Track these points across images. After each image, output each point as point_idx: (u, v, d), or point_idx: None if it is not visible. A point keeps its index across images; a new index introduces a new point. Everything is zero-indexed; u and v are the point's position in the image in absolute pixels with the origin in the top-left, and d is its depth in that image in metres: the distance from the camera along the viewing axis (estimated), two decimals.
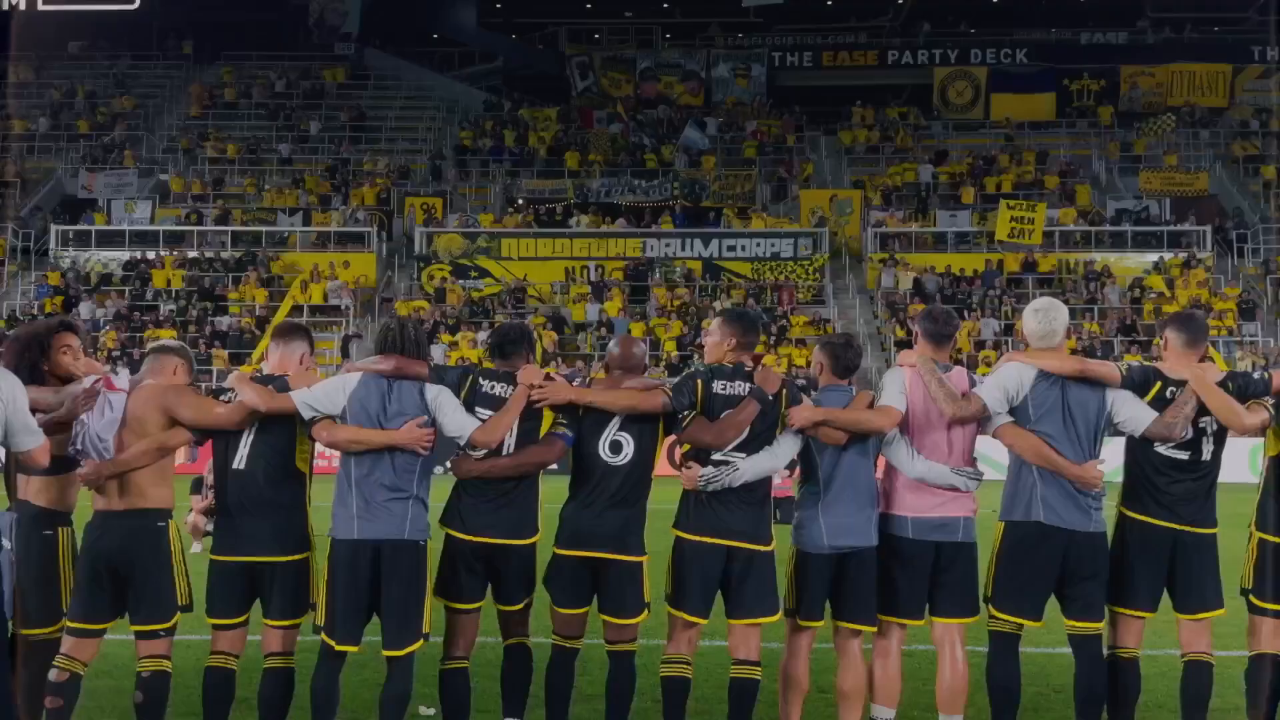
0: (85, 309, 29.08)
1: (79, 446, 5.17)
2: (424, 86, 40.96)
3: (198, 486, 12.24)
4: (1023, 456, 5.37)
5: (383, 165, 35.59)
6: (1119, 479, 5.62)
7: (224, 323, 28.70)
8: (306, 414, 5.20)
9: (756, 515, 5.43)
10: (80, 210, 34.20)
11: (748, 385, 5.40)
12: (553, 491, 5.63)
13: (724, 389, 5.42)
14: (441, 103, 39.92)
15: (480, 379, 5.46)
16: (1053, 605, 5.50)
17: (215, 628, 5.33)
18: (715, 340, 5.64)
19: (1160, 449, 5.41)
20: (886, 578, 5.50)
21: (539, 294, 30.12)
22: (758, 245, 30.77)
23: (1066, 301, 29.20)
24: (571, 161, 35.48)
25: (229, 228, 32.65)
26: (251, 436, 5.29)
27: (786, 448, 5.47)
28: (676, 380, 5.60)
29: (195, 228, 32.63)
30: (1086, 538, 5.35)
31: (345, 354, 26.18)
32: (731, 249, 30.86)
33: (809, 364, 5.92)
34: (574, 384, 5.66)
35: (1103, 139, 36.87)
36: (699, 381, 5.47)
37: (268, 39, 40.75)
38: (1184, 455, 5.41)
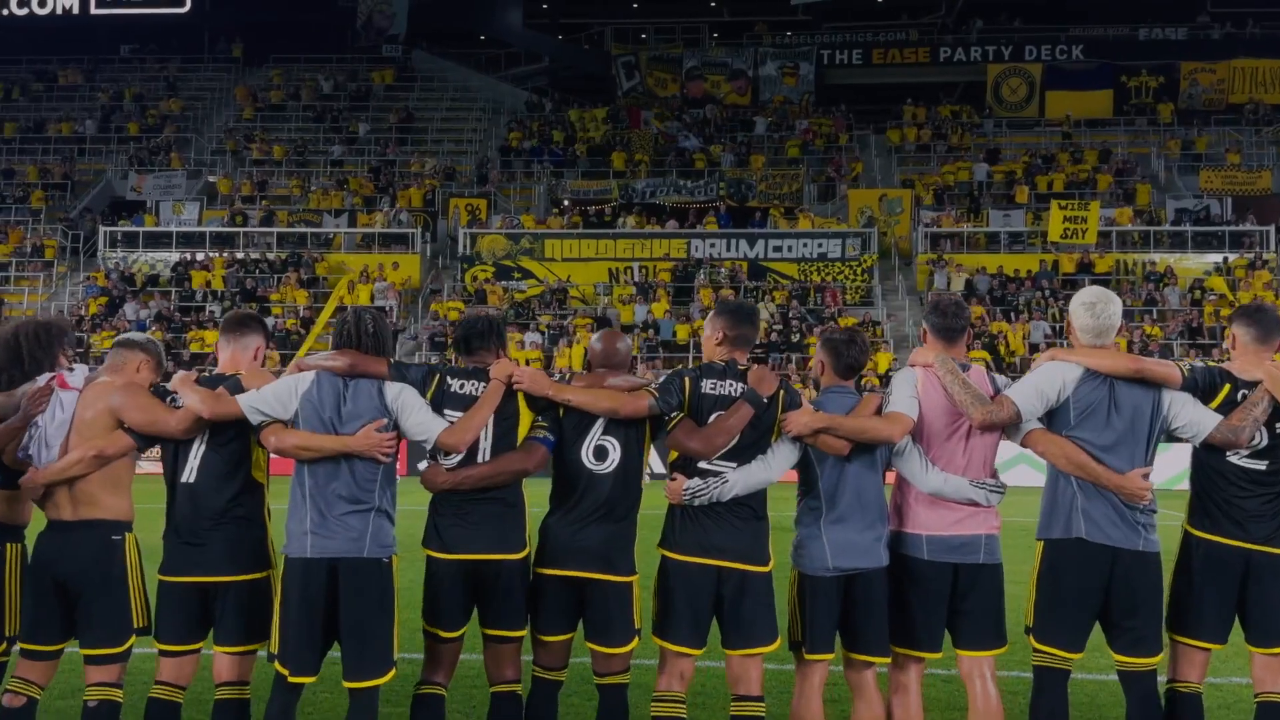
0: (130, 310, 29.25)
1: (29, 451, 4.77)
2: (470, 87, 40.93)
3: None
4: (1056, 465, 4.75)
5: (428, 166, 35.53)
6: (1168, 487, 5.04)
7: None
8: (254, 418, 4.64)
9: (752, 532, 4.83)
10: (129, 211, 34.49)
11: (740, 386, 4.82)
12: (538, 496, 5.09)
13: (714, 389, 4.83)
14: (488, 103, 39.83)
15: (448, 378, 4.87)
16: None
17: (161, 654, 4.78)
18: (706, 335, 5.08)
19: (1233, 458, 4.76)
20: (900, 605, 4.87)
21: (582, 295, 29.82)
22: (804, 245, 30.23)
23: (1125, 304, 28.42)
24: (617, 162, 35.18)
25: (274, 229, 32.72)
26: (202, 446, 4.75)
27: (783, 457, 4.86)
28: (663, 379, 4.97)
29: (241, 229, 32.73)
30: (1136, 558, 4.67)
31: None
32: (777, 249, 30.34)
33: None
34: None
35: (1162, 137, 35.91)
36: (686, 380, 4.88)
37: (316, 41, 40.99)
38: (1261, 465, 4.75)
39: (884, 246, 30.97)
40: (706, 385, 4.85)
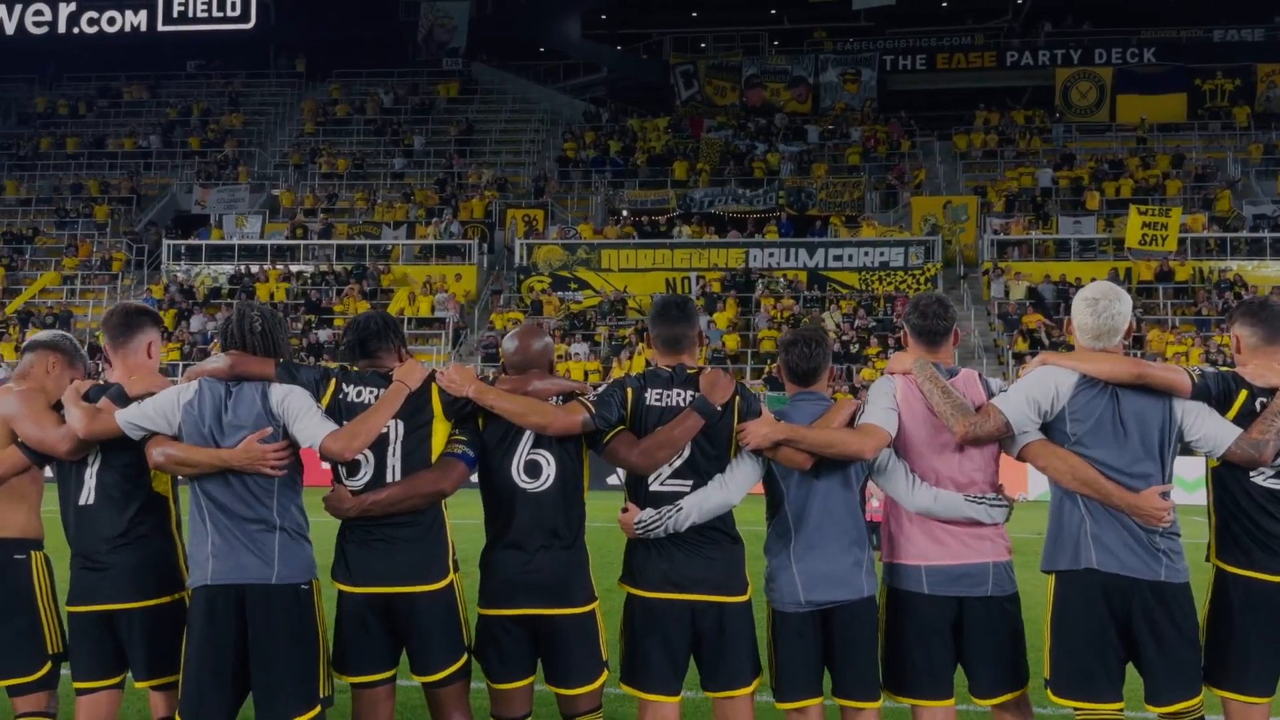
0: (196, 322, 29.53)
1: None
2: (529, 99, 40.92)
3: None
4: (1060, 483, 4.12)
5: (486, 177, 35.51)
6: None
7: (323, 335, 28.79)
8: (134, 435, 4.15)
9: (726, 558, 4.27)
10: (194, 225, 34.89)
11: (690, 394, 4.27)
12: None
13: (659, 399, 4.28)
14: (546, 114, 39.77)
15: (344, 385, 4.26)
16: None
17: (76, 693, 4.32)
18: (648, 343, 4.60)
19: (1258, 478, 4.12)
20: (899, 647, 4.25)
21: (639, 306, 29.49)
22: (865, 254, 29.59)
23: (1199, 313, 27.62)
24: (679, 171, 34.84)
25: (333, 241, 32.86)
26: (96, 464, 4.28)
27: (743, 475, 4.26)
28: (601, 389, 4.38)
29: (301, 241, 32.91)
30: (1157, 590, 4.01)
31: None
32: (838, 258, 29.73)
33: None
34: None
35: (1239, 141, 34.73)
36: (629, 391, 4.31)
37: (378, 56, 41.25)
38: None
39: (948, 255, 30.24)
40: (651, 396, 4.29)
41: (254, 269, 31.97)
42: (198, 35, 40.94)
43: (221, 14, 39.27)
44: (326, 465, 4.26)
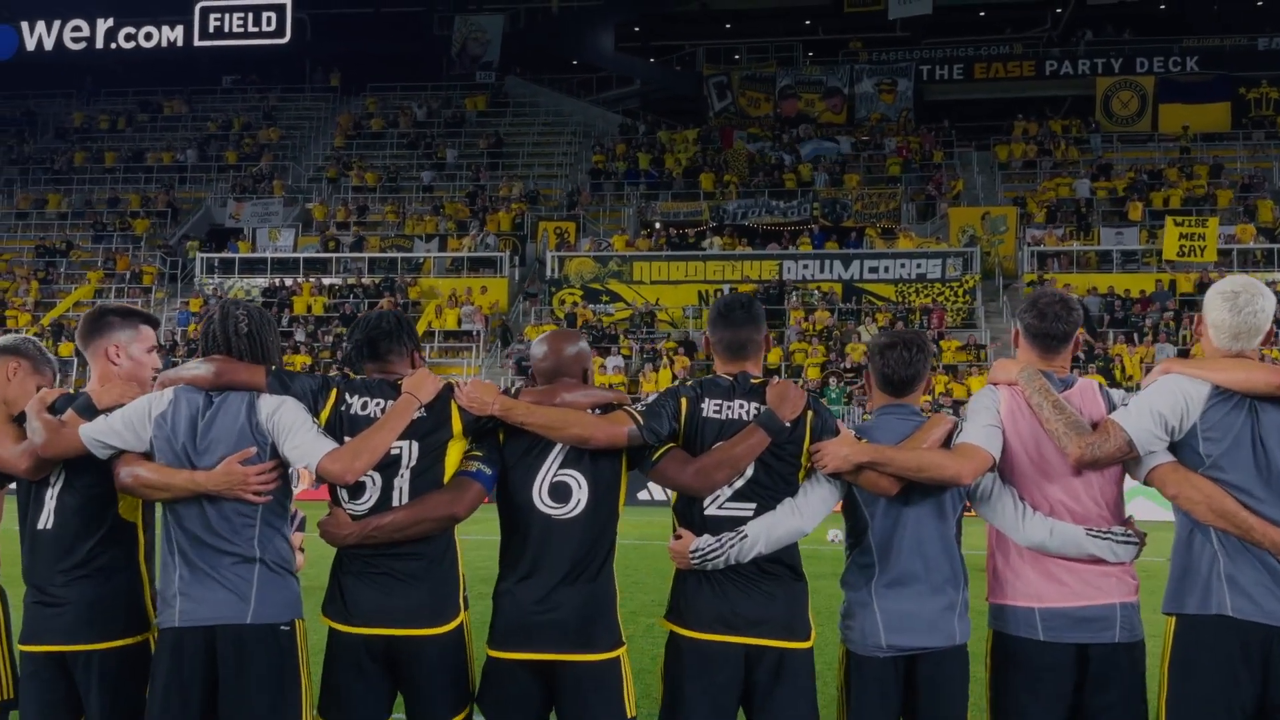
0: None
1: None
2: (562, 112, 40.83)
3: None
4: (1193, 514, 3.48)
5: (517, 190, 35.38)
6: None
7: None
8: (100, 453, 3.64)
9: (789, 596, 3.69)
10: (227, 239, 34.99)
11: (755, 406, 3.72)
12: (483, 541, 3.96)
13: (718, 411, 3.73)
14: (579, 127, 39.63)
15: (347, 395, 3.72)
16: None
17: None
18: (706, 350, 4.03)
19: None
20: (1009, 702, 3.63)
21: (671, 318, 29.15)
22: (902, 266, 29.09)
23: None
24: (707, 183, 34.53)
25: (365, 254, 32.80)
26: (59, 484, 3.78)
27: (818, 501, 3.68)
28: (652, 399, 3.83)
29: (333, 254, 32.88)
30: None
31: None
32: (874, 270, 29.24)
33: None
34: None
35: None
36: (682, 401, 3.75)
37: (411, 70, 41.33)
38: None
39: (987, 266, 29.68)
40: (709, 407, 3.74)
41: (287, 282, 31.94)
42: (234, 50, 41.20)
43: (257, 29, 39.45)
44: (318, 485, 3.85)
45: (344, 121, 40.58)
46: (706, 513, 3.70)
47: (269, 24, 39.28)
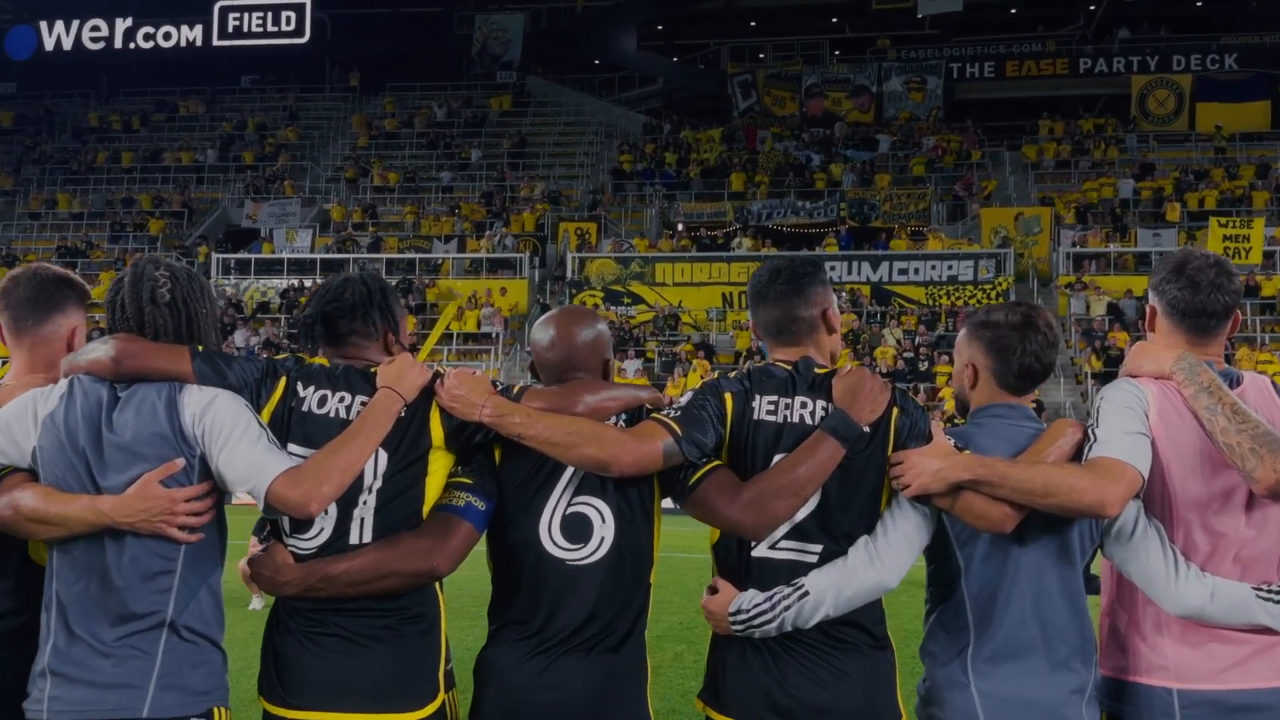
0: (240, 336, 28.97)
1: None
2: (584, 111, 40.26)
3: (260, 528, 10.73)
4: None
5: (538, 191, 34.79)
6: None
7: None
8: None
9: (867, 675, 2.69)
10: (245, 239, 34.54)
11: (822, 404, 2.72)
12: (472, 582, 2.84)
13: (772, 412, 2.72)
14: (601, 127, 39.03)
15: (299, 384, 2.71)
16: None
17: None
18: (753, 334, 3.13)
19: None
20: None
21: (694, 321, 28.43)
22: (932, 268, 28.27)
23: None
24: (737, 183, 33.80)
25: (383, 255, 32.27)
26: None
27: (904, 541, 2.65)
28: (685, 398, 2.76)
29: (350, 255, 32.35)
30: None
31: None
32: (903, 272, 28.42)
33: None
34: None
35: None
36: (727, 398, 2.73)
37: (432, 70, 40.89)
38: None
39: (1020, 269, 28.82)
40: (760, 407, 2.72)
41: (306, 283, 31.44)
42: (253, 50, 40.82)
43: (276, 29, 39.09)
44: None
45: (360, 121, 40.12)
46: (754, 554, 2.71)
47: (288, 24, 38.92)
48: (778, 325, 2.85)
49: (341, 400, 2.69)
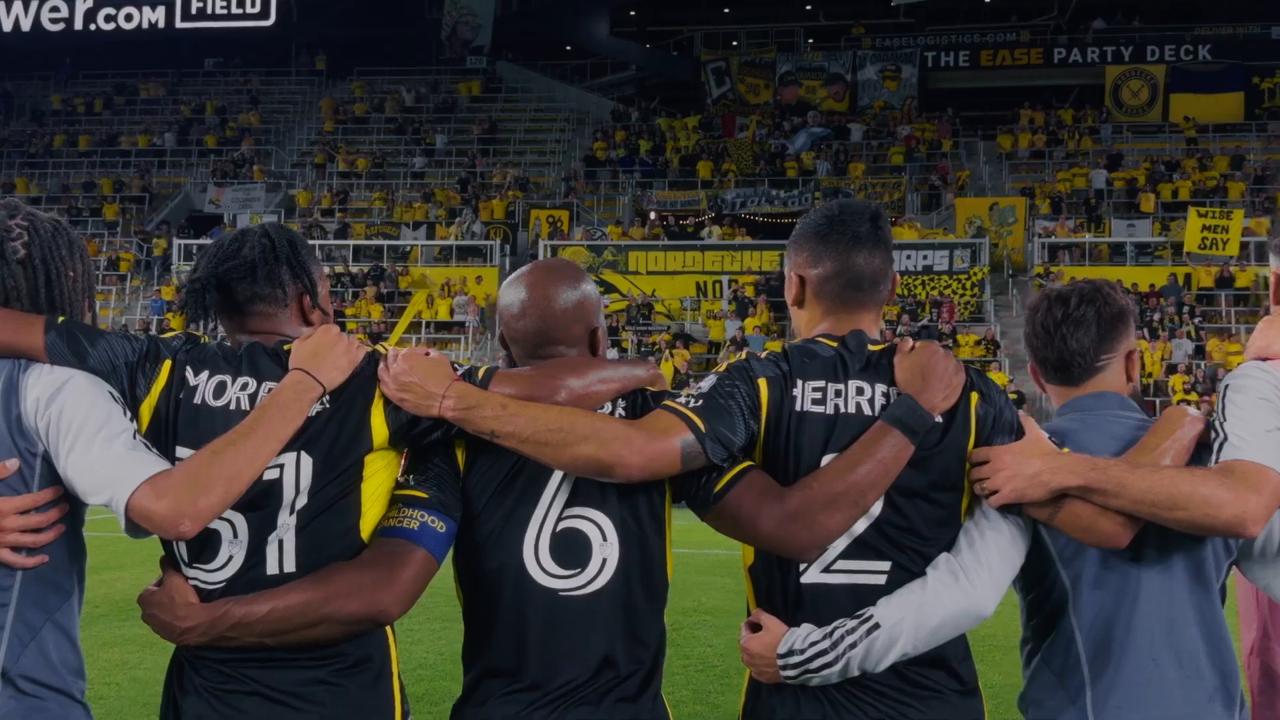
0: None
1: None
2: (555, 98, 39.77)
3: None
4: None
5: (510, 177, 34.31)
6: None
7: None
8: None
9: (941, 712, 2.15)
10: (207, 225, 33.84)
11: (883, 389, 2.17)
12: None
13: (819, 401, 2.16)
14: (572, 113, 38.57)
15: (188, 368, 2.13)
16: None
17: None
18: (793, 295, 2.32)
19: None
20: None
21: (667, 310, 28.07)
22: (907, 258, 27.98)
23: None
24: (705, 171, 33.45)
25: (350, 241, 31.71)
26: None
27: (997, 555, 2.13)
28: (707, 383, 2.18)
29: (318, 241, 31.73)
30: None
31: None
32: None
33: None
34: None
35: None
36: (761, 384, 2.15)
37: (400, 54, 40.25)
38: None
39: (995, 259, 28.64)
40: (806, 394, 2.16)
41: None
42: (217, 32, 40.01)
43: (241, 10, 38.31)
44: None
45: (328, 105, 39.44)
46: (804, 579, 2.15)
47: (253, 5, 38.17)
48: (858, 280, 2.22)
49: (244, 388, 2.10)
